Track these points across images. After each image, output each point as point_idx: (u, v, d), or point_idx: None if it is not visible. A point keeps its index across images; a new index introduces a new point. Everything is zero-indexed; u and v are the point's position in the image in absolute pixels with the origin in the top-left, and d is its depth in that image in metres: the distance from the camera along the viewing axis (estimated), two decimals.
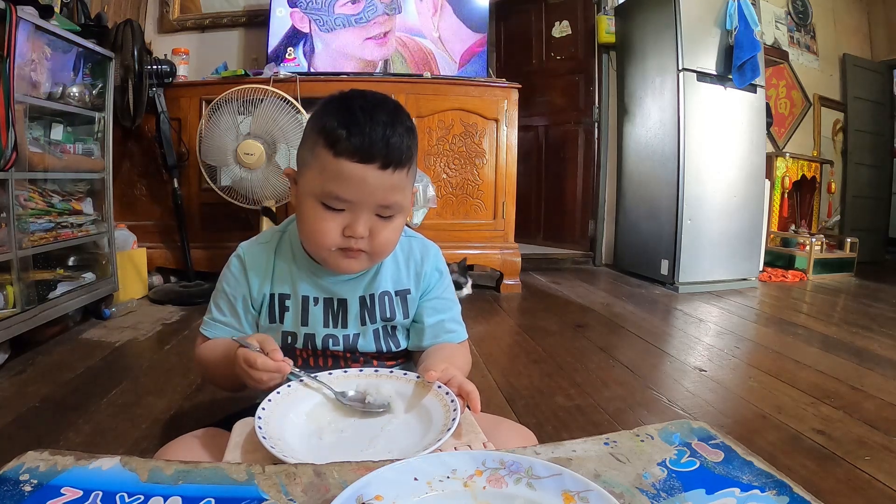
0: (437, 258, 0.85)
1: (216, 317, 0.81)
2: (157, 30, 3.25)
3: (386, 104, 0.70)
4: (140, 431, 1.28)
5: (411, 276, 0.82)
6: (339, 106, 0.69)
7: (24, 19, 1.66)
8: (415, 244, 0.84)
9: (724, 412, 1.49)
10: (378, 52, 3.00)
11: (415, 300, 0.83)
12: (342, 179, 0.66)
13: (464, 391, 0.62)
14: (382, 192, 0.68)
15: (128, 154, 2.73)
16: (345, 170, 0.66)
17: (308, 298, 0.78)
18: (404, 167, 0.69)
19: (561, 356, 1.91)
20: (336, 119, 0.67)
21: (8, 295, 1.69)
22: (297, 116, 2.25)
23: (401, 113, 0.71)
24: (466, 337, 0.86)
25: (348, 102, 0.69)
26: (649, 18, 3.21)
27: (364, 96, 0.70)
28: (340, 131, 0.66)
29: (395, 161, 0.67)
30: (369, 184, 0.67)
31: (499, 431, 0.73)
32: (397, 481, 0.42)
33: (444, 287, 0.85)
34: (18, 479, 0.41)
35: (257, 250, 0.81)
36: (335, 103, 0.70)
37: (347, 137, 0.65)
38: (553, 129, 4.09)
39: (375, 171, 0.66)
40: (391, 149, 0.66)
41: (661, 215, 3.15)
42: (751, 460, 0.47)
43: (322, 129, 0.68)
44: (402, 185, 0.70)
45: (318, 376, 0.66)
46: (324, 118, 0.69)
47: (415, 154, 0.72)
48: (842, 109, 4.37)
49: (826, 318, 2.57)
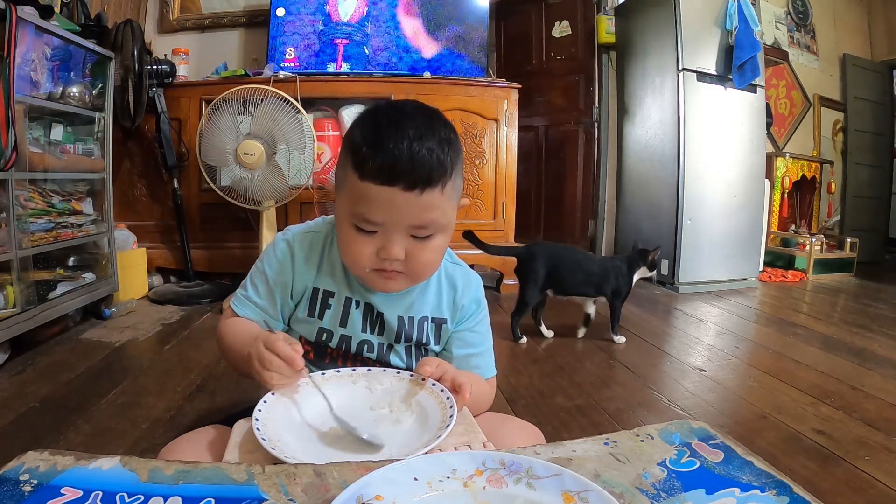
0: (478, 290, 0.81)
1: (250, 295, 0.78)
2: (157, 30, 3.25)
3: (416, 115, 0.64)
4: (140, 431, 1.28)
5: (449, 305, 0.79)
6: (367, 119, 0.65)
7: (24, 19, 1.66)
8: (458, 273, 0.80)
9: (724, 412, 1.49)
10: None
11: (448, 330, 0.80)
12: (369, 202, 0.62)
13: (456, 383, 0.62)
14: (414, 214, 0.63)
15: (128, 154, 2.73)
16: (370, 192, 0.62)
17: (351, 301, 0.75)
18: (436, 185, 0.63)
19: (561, 356, 1.91)
20: (361, 135, 0.64)
21: (8, 295, 1.69)
22: (297, 116, 2.25)
23: (434, 122, 0.65)
24: (494, 374, 0.83)
25: (376, 115, 0.65)
26: (649, 18, 3.21)
27: (394, 107, 0.66)
28: (364, 149, 0.62)
29: (423, 180, 0.62)
30: (398, 206, 0.62)
31: (504, 428, 0.73)
32: (397, 481, 0.42)
33: (478, 320, 0.81)
34: (18, 479, 0.41)
35: (308, 240, 0.77)
36: (365, 117, 0.66)
37: (370, 156, 0.61)
38: (553, 129, 4.08)
39: (402, 193, 0.61)
40: (418, 166, 0.61)
41: (661, 215, 3.15)
42: (751, 460, 0.47)
43: (349, 147, 0.65)
44: (438, 203, 0.64)
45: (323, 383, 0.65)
46: (352, 135, 0.65)
47: (453, 168, 0.65)
48: (842, 109, 4.37)
49: (826, 318, 2.57)
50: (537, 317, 2.13)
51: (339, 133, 2.81)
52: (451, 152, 0.65)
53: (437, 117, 0.66)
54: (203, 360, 1.75)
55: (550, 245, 2.09)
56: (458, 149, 0.67)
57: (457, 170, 0.66)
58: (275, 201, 2.42)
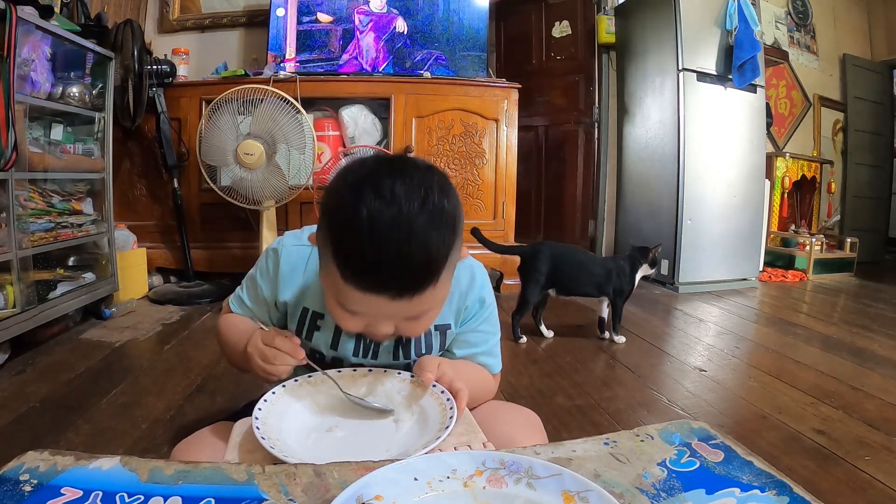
0: (483, 286, 0.76)
1: (243, 297, 0.78)
2: (157, 30, 3.25)
3: (405, 208, 0.53)
4: (140, 431, 1.28)
5: (453, 309, 0.74)
6: (346, 206, 0.54)
7: (24, 19, 1.66)
8: (463, 273, 0.73)
9: (724, 412, 1.49)
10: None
11: (453, 334, 0.76)
12: (353, 300, 0.57)
13: (453, 390, 0.62)
14: (404, 312, 0.59)
15: (128, 154, 2.73)
16: (354, 294, 0.56)
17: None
18: (427, 287, 0.56)
19: (561, 356, 1.91)
20: (340, 227, 0.55)
21: (8, 295, 1.69)
22: (297, 116, 2.25)
23: (426, 205, 0.54)
24: (498, 371, 0.80)
25: (358, 206, 0.53)
26: (649, 18, 3.21)
27: (379, 193, 0.53)
28: (343, 251, 0.55)
29: (412, 289, 0.55)
30: (384, 309, 0.57)
31: (501, 413, 0.74)
32: (397, 481, 0.42)
33: (483, 318, 0.77)
34: (18, 479, 0.41)
35: (297, 255, 0.72)
36: (343, 197, 0.55)
37: (350, 263, 0.55)
38: (553, 129, 4.08)
39: (389, 301, 0.56)
40: (406, 277, 0.54)
41: (661, 215, 3.15)
42: (751, 460, 0.47)
43: (328, 232, 0.57)
44: (431, 297, 0.58)
45: (328, 372, 0.65)
46: (332, 216, 0.57)
47: (450, 253, 0.57)
48: (842, 109, 4.37)
49: (826, 318, 2.56)
50: (537, 317, 2.13)
51: (339, 133, 2.81)
52: (450, 239, 0.57)
53: (430, 197, 0.55)
54: (203, 360, 1.75)
55: (554, 245, 2.10)
56: (456, 222, 0.58)
57: (455, 247, 0.59)
58: (275, 201, 2.42)
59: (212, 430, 0.66)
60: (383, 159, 0.59)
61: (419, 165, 0.58)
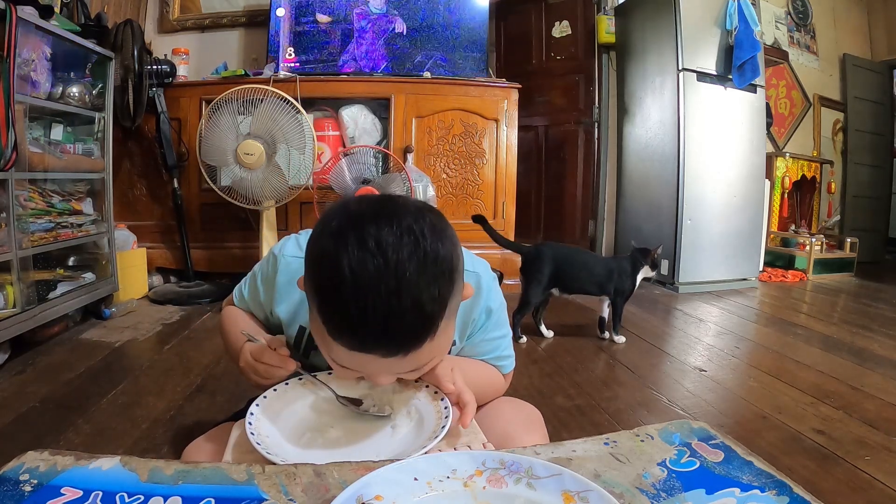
0: (489, 294, 0.71)
1: (244, 294, 0.77)
2: (157, 30, 3.25)
3: (392, 258, 0.47)
4: (140, 431, 1.28)
5: (458, 326, 0.69)
6: (330, 262, 0.49)
7: (24, 19, 1.66)
8: (466, 280, 0.64)
9: (724, 412, 1.49)
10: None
11: (459, 349, 0.73)
12: (342, 357, 0.53)
13: (462, 401, 0.60)
14: (398, 369, 0.55)
15: (128, 154, 2.73)
16: (342, 353, 0.52)
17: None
18: (422, 343, 0.51)
19: (561, 356, 1.91)
20: (323, 285, 0.50)
21: (8, 295, 1.69)
22: (297, 116, 2.25)
23: (417, 260, 0.48)
24: (510, 370, 0.78)
25: (339, 258, 0.48)
26: (649, 18, 3.21)
27: (363, 242, 0.48)
28: (327, 309, 0.50)
29: (406, 348, 0.50)
30: (377, 366, 0.53)
31: (501, 409, 0.74)
32: (397, 481, 0.42)
33: (490, 327, 0.73)
34: (18, 479, 0.41)
35: (297, 267, 0.64)
36: (328, 249, 0.49)
37: (335, 323, 0.50)
38: (553, 129, 4.08)
39: (379, 359, 0.51)
40: (395, 338, 0.49)
41: (661, 215, 3.15)
42: (751, 460, 0.47)
43: (311, 283, 0.52)
44: (427, 352, 0.52)
45: (319, 376, 0.65)
46: (314, 268, 0.52)
47: (448, 303, 0.52)
48: (842, 109, 4.37)
49: (826, 318, 2.56)
50: (537, 317, 2.13)
51: (339, 133, 2.81)
52: (444, 286, 0.50)
53: (422, 238, 0.49)
54: (203, 360, 1.75)
55: (556, 246, 2.11)
56: (453, 267, 0.52)
57: (454, 294, 0.53)
58: (275, 201, 2.42)
59: (215, 432, 0.66)
60: (369, 202, 0.53)
61: (409, 208, 0.52)
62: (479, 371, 0.74)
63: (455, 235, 0.54)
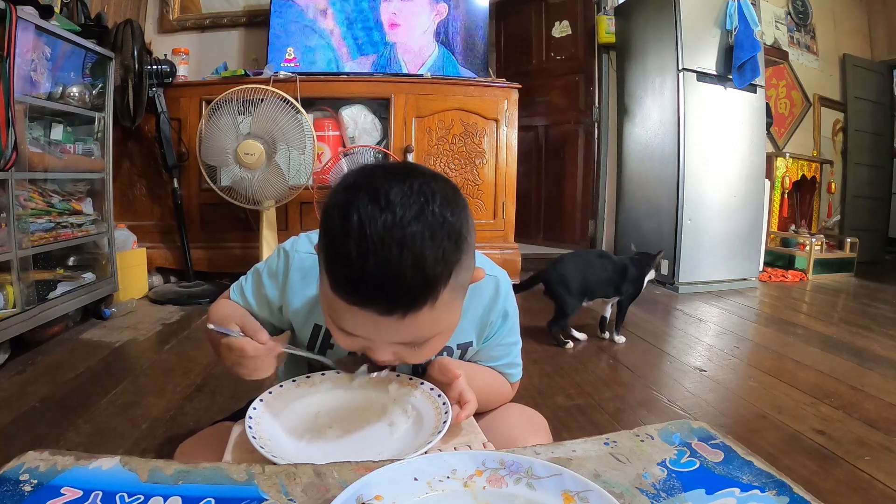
0: (506, 299, 0.71)
1: (245, 291, 0.74)
2: (157, 30, 3.25)
3: (400, 214, 0.48)
4: (140, 431, 1.28)
5: (475, 326, 0.70)
6: (340, 212, 0.50)
7: (24, 19, 1.66)
8: (485, 283, 0.65)
9: (724, 412, 1.49)
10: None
11: (475, 350, 0.73)
12: (342, 315, 0.53)
13: (463, 399, 0.60)
14: (398, 335, 0.54)
15: (128, 154, 2.73)
16: (342, 306, 0.51)
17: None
18: (423, 305, 0.50)
19: (561, 356, 1.91)
20: (331, 234, 0.51)
21: (8, 295, 1.69)
22: (297, 116, 2.25)
23: (424, 221, 0.49)
24: (518, 379, 0.78)
25: (350, 209, 0.49)
26: (649, 18, 3.21)
27: (374, 197, 0.49)
28: (330, 254, 0.51)
29: (404, 304, 0.49)
30: (375, 326, 0.52)
31: (505, 413, 0.73)
32: (397, 481, 0.42)
33: (505, 332, 0.73)
34: (18, 479, 0.41)
35: (311, 264, 0.66)
36: (340, 200, 0.51)
37: (336, 269, 0.50)
38: (553, 129, 4.08)
39: (377, 317, 0.50)
40: (393, 291, 0.49)
41: (661, 215, 3.15)
42: (751, 460, 0.47)
43: (322, 234, 0.53)
44: (428, 319, 0.52)
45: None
46: (325, 218, 0.52)
47: (453, 269, 0.51)
48: (842, 109, 4.37)
49: (826, 318, 2.56)
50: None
51: (339, 133, 2.81)
52: (449, 253, 0.50)
53: (432, 201, 0.50)
54: (203, 360, 1.75)
55: (571, 258, 2.05)
56: (460, 236, 0.51)
57: (460, 266, 0.52)
58: (275, 201, 2.42)
59: (213, 430, 0.66)
60: (387, 164, 0.55)
61: (424, 172, 0.53)
62: (488, 378, 0.74)
63: (467, 209, 0.54)
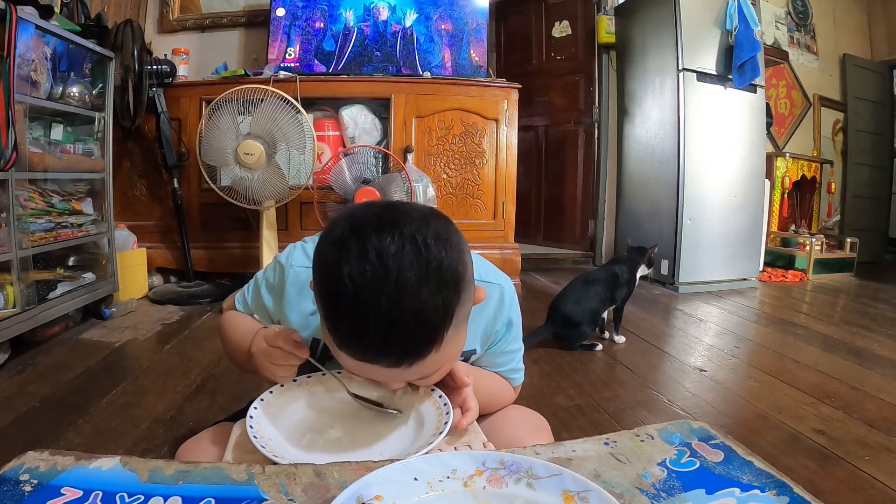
0: (511, 307, 0.72)
1: (248, 300, 0.76)
2: (157, 30, 3.25)
3: (393, 268, 0.47)
4: (140, 431, 1.28)
5: (480, 335, 0.70)
6: (332, 271, 0.48)
7: (24, 19, 1.66)
8: (490, 292, 0.66)
9: (724, 412, 1.49)
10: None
11: (479, 357, 0.73)
12: (350, 366, 0.53)
13: (466, 406, 0.61)
14: (406, 377, 0.55)
15: (128, 154, 2.73)
16: (349, 361, 0.52)
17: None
18: (427, 354, 0.50)
19: (561, 356, 1.91)
20: (326, 294, 0.50)
21: (8, 295, 1.69)
22: (297, 116, 2.25)
23: (420, 270, 0.47)
24: (520, 384, 0.79)
25: (340, 268, 0.47)
26: (649, 18, 3.21)
27: (364, 252, 0.47)
28: (331, 318, 0.50)
29: (409, 359, 0.50)
30: (385, 374, 0.53)
31: (508, 415, 0.74)
32: (397, 481, 0.42)
33: (509, 339, 0.73)
34: (18, 479, 0.41)
35: (307, 278, 0.64)
36: (331, 257, 0.49)
37: (338, 332, 0.50)
38: (553, 129, 4.08)
39: (384, 369, 0.51)
40: (398, 349, 0.49)
41: (661, 215, 3.15)
42: (751, 460, 0.47)
43: (317, 290, 0.52)
44: (433, 361, 0.52)
45: (332, 373, 0.65)
46: (318, 276, 0.52)
47: (454, 312, 0.50)
48: (842, 109, 4.37)
49: (826, 318, 2.56)
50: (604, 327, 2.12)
51: (339, 133, 2.81)
52: (449, 296, 0.49)
53: (425, 246, 0.48)
54: (203, 360, 1.75)
55: (563, 300, 1.99)
56: (459, 275, 0.50)
57: (461, 303, 0.51)
58: (275, 201, 2.42)
59: (213, 430, 0.66)
60: (373, 209, 0.52)
61: (413, 215, 0.50)
62: (491, 383, 0.74)
63: (463, 242, 0.53)
